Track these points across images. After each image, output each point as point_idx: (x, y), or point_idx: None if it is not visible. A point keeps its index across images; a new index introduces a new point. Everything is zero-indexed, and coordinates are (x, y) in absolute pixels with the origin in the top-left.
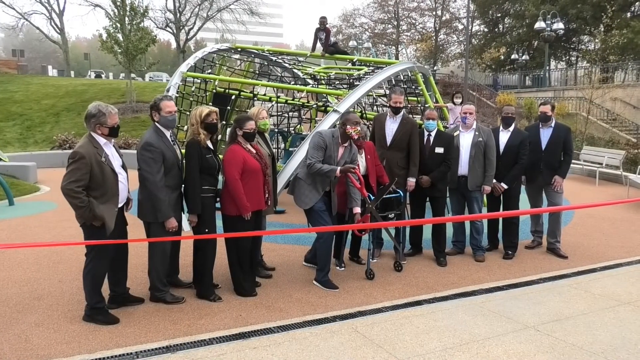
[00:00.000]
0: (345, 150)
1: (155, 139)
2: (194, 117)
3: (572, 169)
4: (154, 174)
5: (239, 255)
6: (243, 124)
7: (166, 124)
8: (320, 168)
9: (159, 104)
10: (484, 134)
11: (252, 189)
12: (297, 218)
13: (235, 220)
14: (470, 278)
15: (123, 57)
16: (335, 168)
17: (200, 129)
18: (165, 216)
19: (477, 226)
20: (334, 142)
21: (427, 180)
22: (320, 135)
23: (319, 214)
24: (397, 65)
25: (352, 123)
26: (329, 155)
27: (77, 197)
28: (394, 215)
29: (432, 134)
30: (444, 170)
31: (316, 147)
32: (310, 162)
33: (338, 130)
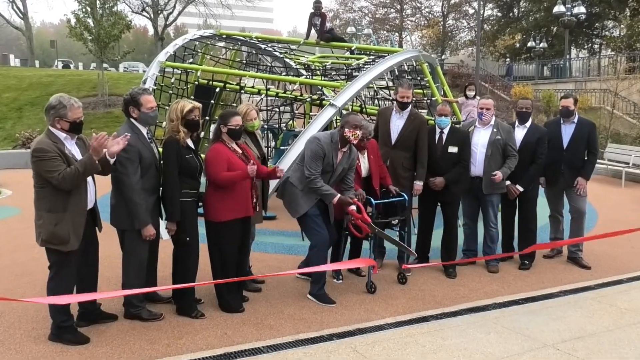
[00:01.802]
0: (344, 156)
1: (131, 137)
2: (174, 112)
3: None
4: (129, 175)
5: (224, 267)
6: (228, 120)
7: (147, 120)
8: (320, 188)
9: (138, 98)
10: (504, 132)
11: (237, 193)
12: (290, 224)
13: (220, 227)
14: (482, 291)
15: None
16: (334, 195)
17: (180, 126)
18: (142, 223)
19: (492, 233)
20: (332, 147)
21: (441, 181)
22: (318, 142)
23: (312, 219)
24: (400, 53)
25: (350, 126)
26: (327, 162)
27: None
28: (397, 221)
29: (445, 132)
30: (460, 172)
31: (315, 157)
32: (310, 176)
33: (337, 134)
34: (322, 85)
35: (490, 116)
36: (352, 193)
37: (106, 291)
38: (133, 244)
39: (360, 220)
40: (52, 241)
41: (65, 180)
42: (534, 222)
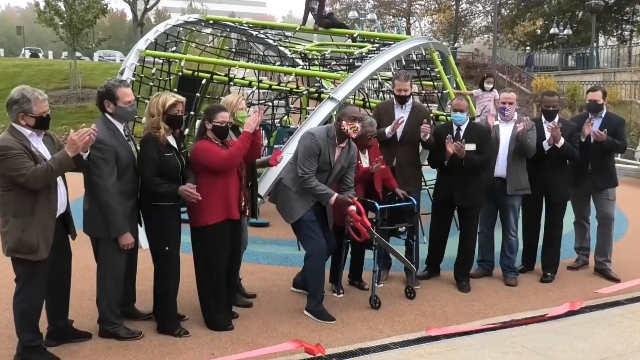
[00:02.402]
0: (343, 152)
1: (106, 134)
2: (155, 106)
3: (626, 171)
4: (105, 177)
5: (211, 279)
6: (213, 116)
7: (124, 116)
8: (315, 188)
9: (114, 91)
10: (528, 125)
11: (223, 196)
12: (285, 232)
13: (205, 232)
14: (499, 306)
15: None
16: (331, 194)
17: (161, 122)
18: (119, 230)
19: (511, 242)
20: (329, 143)
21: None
22: (312, 137)
23: (308, 225)
24: (408, 41)
25: (348, 118)
26: (323, 160)
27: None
28: (405, 229)
29: (463, 128)
30: (482, 160)
31: (309, 154)
32: (303, 175)
33: (334, 128)
34: (320, 77)
35: (513, 111)
36: (352, 193)
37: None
38: (109, 253)
39: (360, 223)
40: (19, 250)
41: (35, 177)
42: (560, 229)
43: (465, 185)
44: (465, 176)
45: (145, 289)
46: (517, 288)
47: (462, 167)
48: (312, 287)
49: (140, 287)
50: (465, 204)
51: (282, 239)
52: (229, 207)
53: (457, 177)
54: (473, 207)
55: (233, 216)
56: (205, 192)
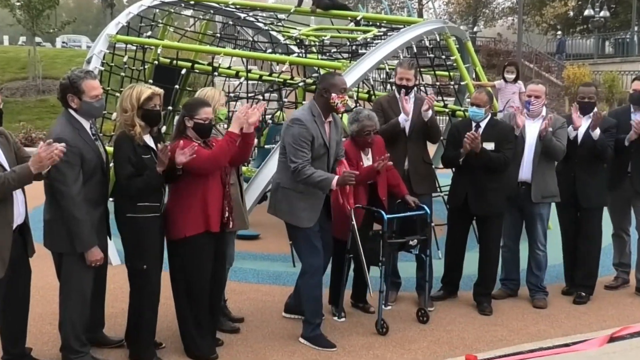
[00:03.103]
0: (332, 127)
1: (70, 133)
2: (128, 100)
3: None
4: (68, 184)
5: (192, 300)
6: (195, 112)
7: (90, 112)
8: (311, 176)
9: (79, 84)
10: (556, 122)
11: (203, 203)
12: (277, 245)
13: (183, 246)
14: (526, 332)
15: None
16: (331, 178)
17: (135, 119)
18: (86, 244)
19: (538, 257)
20: (318, 122)
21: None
22: (299, 123)
23: (311, 235)
24: (420, 25)
25: (338, 90)
26: (318, 144)
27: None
28: (416, 242)
29: (483, 125)
30: (500, 157)
31: (299, 142)
32: (296, 167)
33: (315, 104)
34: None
35: (540, 106)
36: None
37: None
38: (73, 271)
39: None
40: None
41: None
42: (595, 242)
43: (481, 189)
44: (481, 177)
45: (116, 312)
46: (546, 311)
47: (476, 165)
48: (309, 309)
49: (110, 309)
50: (482, 211)
51: (274, 253)
52: (208, 218)
53: (471, 178)
54: (492, 216)
55: (212, 228)
56: (183, 199)
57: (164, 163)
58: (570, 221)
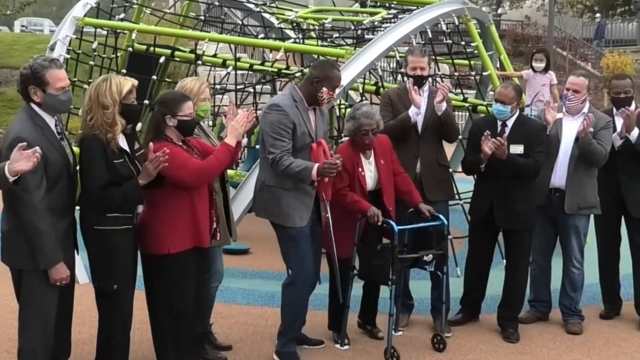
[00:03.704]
0: (318, 114)
1: (31, 131)
2: (108, 94)
3: None
4: (30, 190)
5: (173, 325)
6: (177, 108)
7: (56, 106)
8: (290, 166)
9: (42, 74)
10: (600, 121)
11: (190, 216)
12: (269, 260)
13: (166, 264)
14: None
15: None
16: (310, 167)
17: (117, 117)
18: (50, 260)
19: (574, 276)
20: (300, 108)
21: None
22: (278, 109)
23: (301, 240)
24: (436, 6)
25: (331, 86)
26: (301, 132)
27: None
28: (431, 257)
29: (509, 124)
30: (529, 164)
31: (277, 130)
32: (274, 156)
33: (298, 90)
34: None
35: (579, 102)
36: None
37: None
38: (35, 290)
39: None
40: None
41: None
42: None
43: (508, 198)
44: (508, 185)
45: (83, 338)
46: (581, 337)
47: (502, 172)
48: (286, 321)
49: (76, 335)
50: (509, 224)
51: (267, 270)
52: (198, 232)
53: (496, 186)
54: (521, 229)
55: (202, 243)
56: (167, 210)
57: (152, 175)
58: (611, 233)
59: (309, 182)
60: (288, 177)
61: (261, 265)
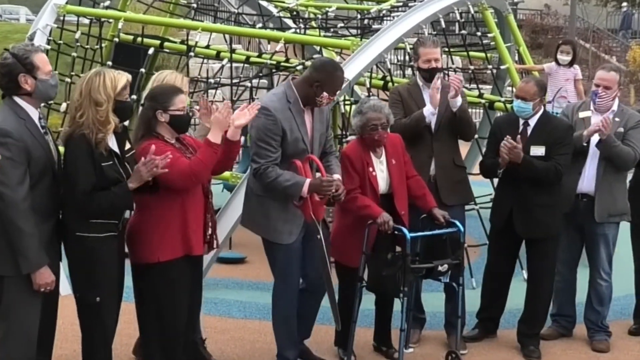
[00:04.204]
0: (315, 115)
1: (14, 124)
2: (103, 90)
3: None
4: (12, 186)
5: (163, 339)
6: (169, 102)
7: (47, 92)
8: (277, 180)
9: (31, 59)
10: (630, 119)
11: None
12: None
13: (157, 274)
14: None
15: None
16: (301, 182)
17: (111, 115)
18: (33, 263)
19: (601, 289)
20: (293, 111)
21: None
22: (267, 113)
23: (287, 254)
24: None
25: (332, 90)
26: (293, 138)
27: None
28: (446, 267)
29: (532, 123)
30: (549, 168)
31: (263, 138)
32: (258, 167)
33: (294, 89)
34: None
35: (610, 99)
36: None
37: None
38: (17, 299)
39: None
40: None
41: None
42: None
43: (529, 205)
44: (529, 190)
45: (66, 354)
46: (609, 355)
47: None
48: (280, 340)
49: (58, 351)
50: (529, 233)
51: (264, 281)
52: (189, 238)
53: (516, 192)
54: (545, 237)
55: (194, 251)
56: (156, 214)
57: (142, 179)
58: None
59: (297, 199)
60: (272, 190)
61: (259, 275)
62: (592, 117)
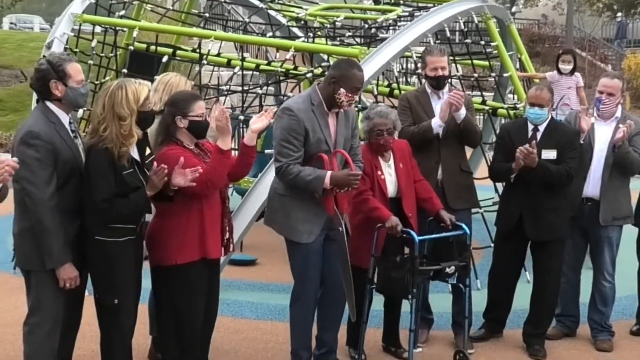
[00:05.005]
0: (340, 119)
1: (44, 126)
2: (125, 104)
3: None
4: (39, 185)
5: (180, 339)
6: (188, 108)
7: (76, 100)
8: (299, 175)
9: (64, 67)
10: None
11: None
12: (278, 272)
13: (175, 277)
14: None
15: None
16: (322, 175)
17: (134, 127)
18: (56, 260)
19: (604, 290)
20: (316, 114)
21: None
22: (289, 113)
23: (306, 254)
24: (454, 4)
25: (351, 88)
26: (316, 139)
27: None
28: (454, 269)
29: (541, 129)
30: (562, 171)
31: (286, 137)
32: (280, 165)
33: (318, 91)
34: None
35: (614, 106)
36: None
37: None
38: (43, 293)
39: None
40: None
41: None
42: None
43: (540, 208)
44: (539, 194)
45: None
46: (613, 354)
47: (533, 181)
48: (296, 340)
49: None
50: (540, 236)
51: (276, 282)
52: (207, 242)
53: (527, 195)
54: (554, 239)
55: (211, 254)
56: (174, 218)
57: (158, 187)
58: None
59: (320, 193)
60: (295, 187)
61: (270, 277)
62: (596, 124)
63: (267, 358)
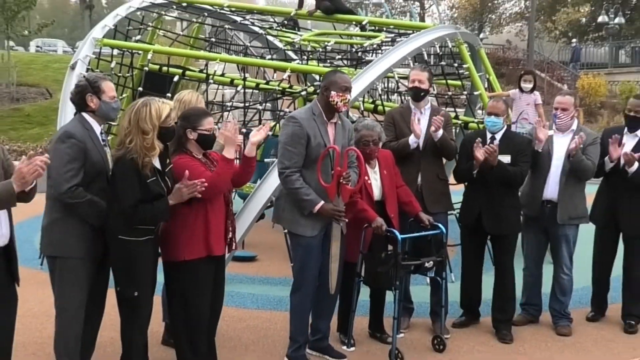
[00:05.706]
0: (338, 129)
1: (80, 130)
2: (149, 120)
3: None
4: (67, 176)
5: (190, 330)
6: (198, 122)
7: (108, 113)
8: (298, 190)
9: (99, 83)
10: (589, 138)
11: (206, 225)
12: (275, 267)
13: (184, 271)
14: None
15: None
16: (315, 202)
17: (156, 141)
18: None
19: (563, 282)
20: (317, 122)
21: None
22: (294, 121)
23: (308, 247)
24: (431, 30)
25: (339, 88)
26: (317, 144)
27: None
28: (432, 264)
29: (498, 137)
30: (517, 172)
31: (291, 142)
32: (283, 169)
33: (317, 103)
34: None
35: (568, 119)
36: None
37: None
38: (66, 278)
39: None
40: None
41: None
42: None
43: (497, 205)
44: (496, 193)
45: (104, 342)
46: (571, 338)
47: (491, 179)
48: (295, 326)
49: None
50: (497, 230)
51: (273, 276)
52: (212, 241)
53: (485, 194)
54: (508, 234)
55: (216, 251)
56: (184, 219)
57: (183, 199)
58: (605, 246)
59: (307, 213)
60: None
61: (268, 272)
62: (555, 135)
63: (267, 344)
